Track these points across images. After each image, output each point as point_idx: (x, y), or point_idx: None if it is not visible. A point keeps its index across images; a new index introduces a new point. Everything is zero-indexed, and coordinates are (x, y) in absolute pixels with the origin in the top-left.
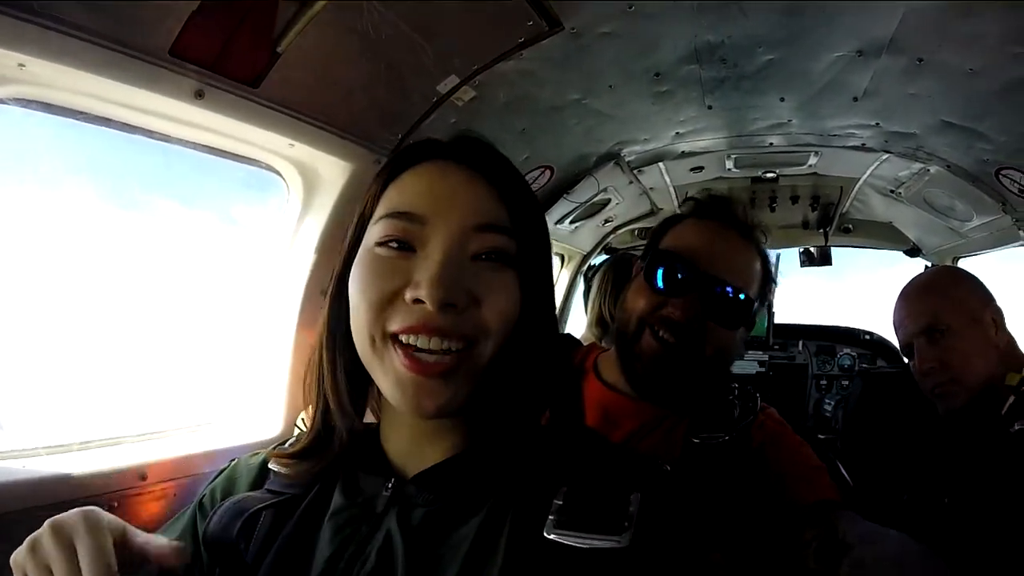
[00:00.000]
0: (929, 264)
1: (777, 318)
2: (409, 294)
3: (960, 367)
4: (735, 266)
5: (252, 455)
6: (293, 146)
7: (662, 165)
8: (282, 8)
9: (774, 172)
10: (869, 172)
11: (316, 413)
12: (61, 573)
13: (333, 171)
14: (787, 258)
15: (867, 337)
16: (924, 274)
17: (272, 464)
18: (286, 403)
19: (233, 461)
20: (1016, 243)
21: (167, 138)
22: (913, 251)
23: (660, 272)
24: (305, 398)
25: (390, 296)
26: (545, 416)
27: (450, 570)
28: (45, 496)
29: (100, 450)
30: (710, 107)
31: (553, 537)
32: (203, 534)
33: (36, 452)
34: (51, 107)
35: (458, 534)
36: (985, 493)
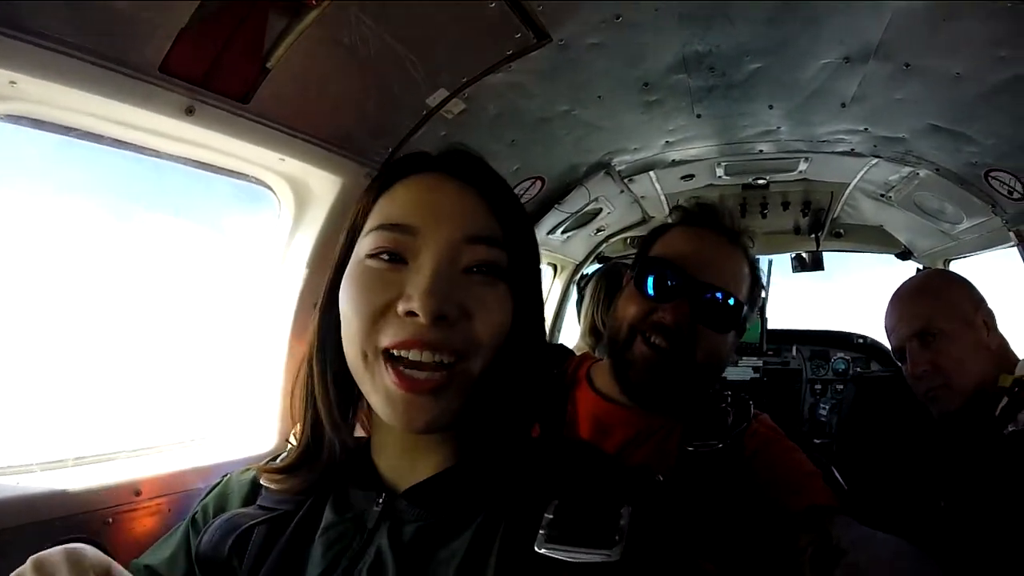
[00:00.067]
0: (921, 267)
1: (770, 323)
2: (402, 307)
3: (953, 370)
4: (723, 271)
5: (244, 471)
6: (284, 161)
7: (653, 174)
8: (271, 24)
9: (764, 179)
10: (859, 177)
11: (305, 426)
12: None
13: (324, 185)
14: (779, 264)
15: (861, 341)
16: (915, 278)
17: (262, 479)
18: (280, 418)
19: (225, 477)
20: (1007, 244)
21: (158, 154)
22: (904, 254)
23: (650, 279)
24: (293, 413)
25: (382, 309)
26: (536, 429)
27: None
28: (40, 512)
29: (95, 466)
30: (699, 116)
31: (544, 551)
32: (196, 551)
33: (31, 468)
34: (42, 124)
35: (448, 549)
36: (980, 496)
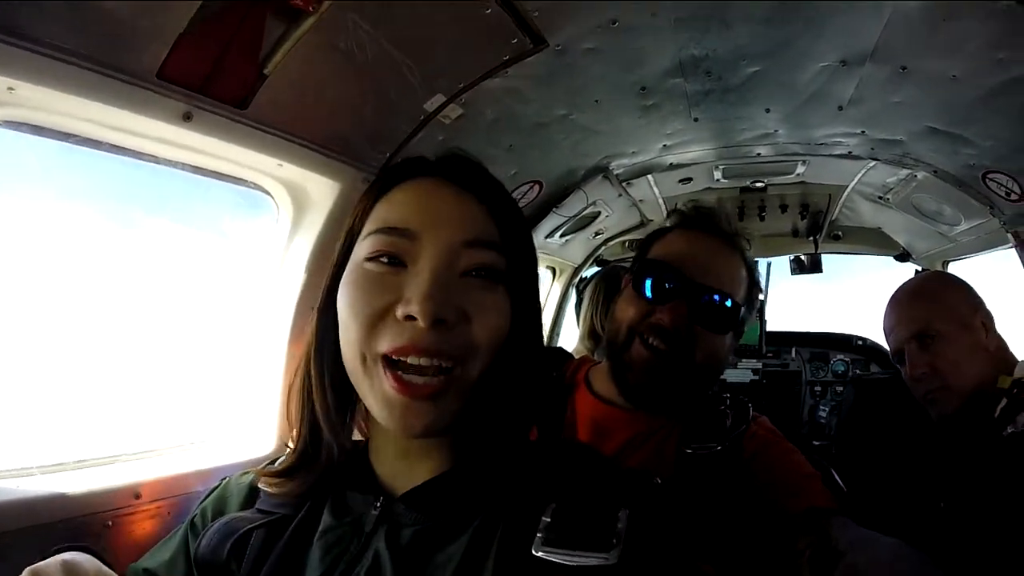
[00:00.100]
0: (919, 268)
1: (770, 326)
2: (400, 310)
3: (951, 372)
4: (720, 273)
5: (242, 474)
6: (282, 166)
7: (650, 177)
8: (268, 30)
9: (762, 182)
10: (857, 179)
11: (302, 429)
12: None
13: (322, 190)
14: (778, 266)
15: (860, 343)
16: (913, 280)
17: (260, 483)
18: (278, 421)
19: (224, 480)
20: (1005, 246)
21: (156, 159)
22: (903, 256)
23: (648, 282)
24: (290, 416)
25: (381, 312)
26: (534, 432)
27: None
28: (41, 516)
29: (95, 469)
30: (696, 119)
31: (541, 555)
32: (194, 554)
33: (31, 472)
34: (40, 129)
35: (446, 553)
36: (979, 497)
